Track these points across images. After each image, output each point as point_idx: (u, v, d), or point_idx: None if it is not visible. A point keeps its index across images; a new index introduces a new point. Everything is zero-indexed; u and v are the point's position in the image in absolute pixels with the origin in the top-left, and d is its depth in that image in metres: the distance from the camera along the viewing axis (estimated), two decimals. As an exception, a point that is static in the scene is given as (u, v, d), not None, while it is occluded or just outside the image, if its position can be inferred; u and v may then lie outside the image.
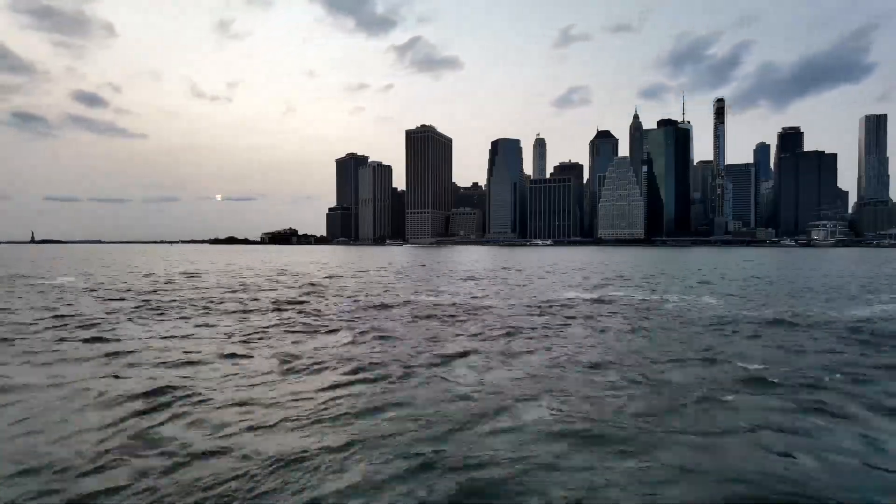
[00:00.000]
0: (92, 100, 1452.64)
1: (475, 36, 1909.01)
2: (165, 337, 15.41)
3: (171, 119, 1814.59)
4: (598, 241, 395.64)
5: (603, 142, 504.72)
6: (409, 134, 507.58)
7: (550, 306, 22.85)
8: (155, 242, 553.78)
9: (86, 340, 14.64)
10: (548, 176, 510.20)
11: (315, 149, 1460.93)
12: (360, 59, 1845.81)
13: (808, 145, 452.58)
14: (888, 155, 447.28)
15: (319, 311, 21.59)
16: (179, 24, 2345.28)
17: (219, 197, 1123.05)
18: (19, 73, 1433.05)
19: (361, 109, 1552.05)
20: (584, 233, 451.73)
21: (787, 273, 51.12)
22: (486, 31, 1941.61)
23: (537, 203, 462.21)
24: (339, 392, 9.85)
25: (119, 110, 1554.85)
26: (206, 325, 17.71)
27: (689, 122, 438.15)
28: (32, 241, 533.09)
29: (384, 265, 67.43)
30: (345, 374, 11.24)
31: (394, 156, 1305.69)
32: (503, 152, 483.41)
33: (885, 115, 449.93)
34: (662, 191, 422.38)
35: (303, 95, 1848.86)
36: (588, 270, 53.57)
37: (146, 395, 9.53)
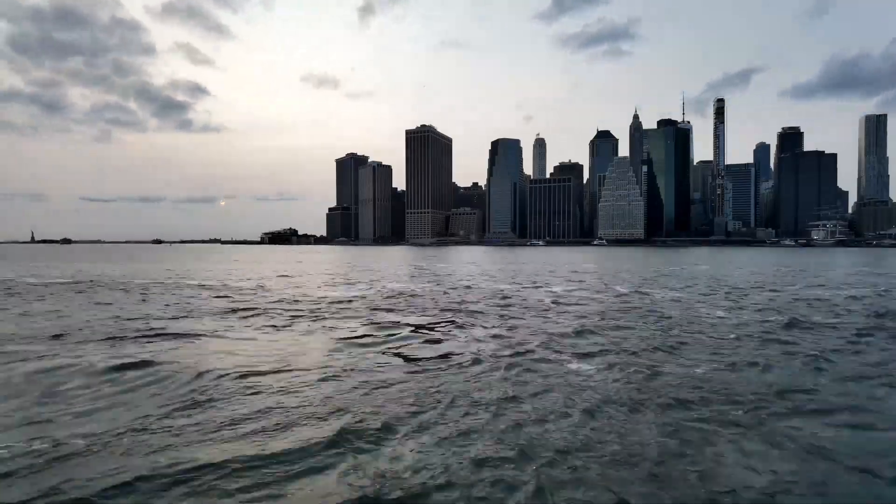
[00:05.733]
0: (195, 91, 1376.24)
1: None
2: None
3: (270, 114, 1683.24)
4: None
5: (603, 142, 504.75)
6: (408, 134, 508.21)
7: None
8: (149, 242, 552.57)
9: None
10: (548, 176, 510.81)
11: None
12: (523, 42, 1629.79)
13: (808, 146, 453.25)
14: (888, 155, 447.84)
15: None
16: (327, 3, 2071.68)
17: (222, 202, 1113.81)
18: (144, 53, 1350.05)
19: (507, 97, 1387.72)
20: (584, 233, 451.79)
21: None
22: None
23: (537, 203, 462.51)
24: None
25: (223, 102, 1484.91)
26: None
27: (688, 122, 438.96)
28: (32, 240, 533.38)
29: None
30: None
31: (393, 157, 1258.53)
32: (503, 152, 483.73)
33: (885, 115, 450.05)
34: (662, 191, 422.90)
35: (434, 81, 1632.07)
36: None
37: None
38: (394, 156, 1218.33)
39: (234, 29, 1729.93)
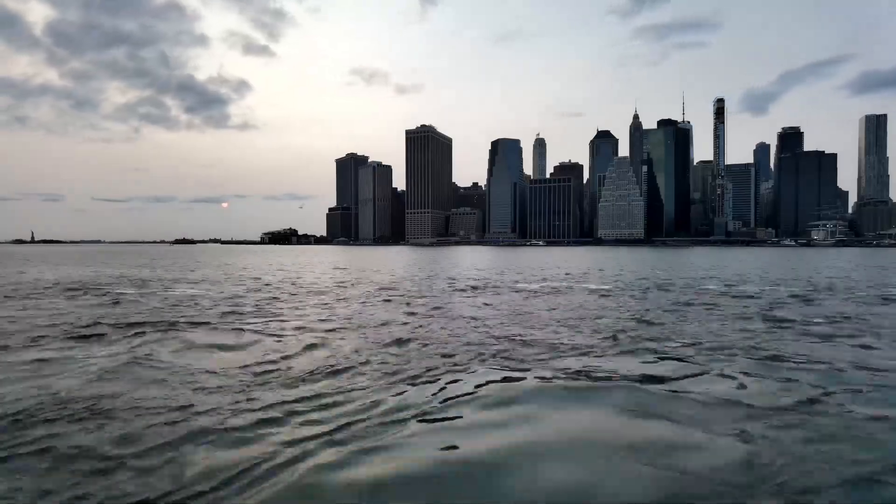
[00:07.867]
0: (240, 86, 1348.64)
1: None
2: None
3: (309, 109, 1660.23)
4: (598, 242, 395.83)
5: (603, 142, 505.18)
6: (408, 134, 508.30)
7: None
8: (152, 242, 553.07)
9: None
10: (548, 176, 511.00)
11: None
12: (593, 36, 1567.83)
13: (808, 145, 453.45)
14: (888, 155, 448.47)
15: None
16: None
17: (224, 205, 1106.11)
18: (195, 43, 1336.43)
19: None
20: (584, 233, 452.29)
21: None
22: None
23: (537, 203, 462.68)
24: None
25: (265, 97, 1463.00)
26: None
27: (689, 122, 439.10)
28: (32, 240, 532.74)
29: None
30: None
31: (394, 158, 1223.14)
32: (503, 152, 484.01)
33: (885, 115, 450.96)
34: (662, 191, 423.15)
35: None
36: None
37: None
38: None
39: (297, 17, 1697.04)
